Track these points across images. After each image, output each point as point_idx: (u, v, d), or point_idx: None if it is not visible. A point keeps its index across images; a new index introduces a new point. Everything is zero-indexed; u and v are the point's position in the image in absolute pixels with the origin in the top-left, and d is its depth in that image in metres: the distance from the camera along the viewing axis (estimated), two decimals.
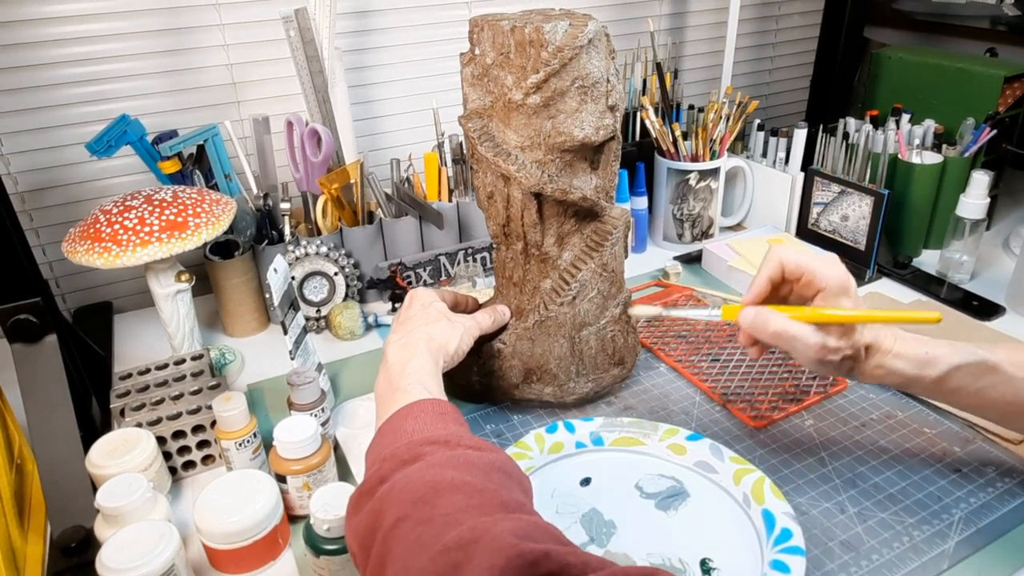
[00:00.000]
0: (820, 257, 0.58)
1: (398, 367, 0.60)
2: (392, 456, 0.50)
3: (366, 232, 0.96)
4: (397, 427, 0.54)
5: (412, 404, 0.55)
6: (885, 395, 0.77)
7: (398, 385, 0.58)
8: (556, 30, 0.60)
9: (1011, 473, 0.66)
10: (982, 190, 0.98)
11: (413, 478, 0.47)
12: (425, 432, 0.52)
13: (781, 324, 0.56)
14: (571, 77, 0.61)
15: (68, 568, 0.59)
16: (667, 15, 1.29)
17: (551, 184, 0.65)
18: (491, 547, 0.39)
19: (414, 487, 0.46)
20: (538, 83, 0.61)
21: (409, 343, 0.63)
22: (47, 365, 0.69)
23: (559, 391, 0.74)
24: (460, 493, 0.45)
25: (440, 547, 0.40)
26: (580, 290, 0.71)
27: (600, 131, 0.64)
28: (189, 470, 0.71)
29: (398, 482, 0.47)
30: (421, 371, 0.60)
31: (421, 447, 0.50)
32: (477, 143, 0.67)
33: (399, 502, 0.46)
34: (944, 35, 1.34)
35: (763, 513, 0.60)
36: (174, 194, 0.78)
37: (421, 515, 0.44)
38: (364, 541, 0.46)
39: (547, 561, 0.38)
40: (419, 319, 0.66)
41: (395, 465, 0.49)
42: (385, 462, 0.50)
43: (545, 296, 0.71)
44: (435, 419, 0.54)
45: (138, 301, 1.04)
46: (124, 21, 0.92)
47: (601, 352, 0.74)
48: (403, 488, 0.47)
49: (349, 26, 1.05)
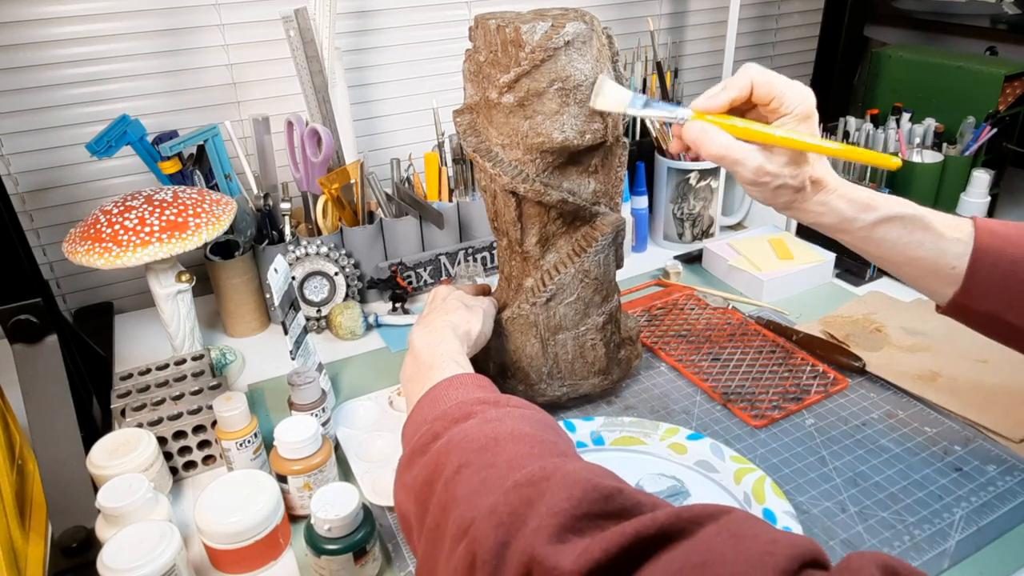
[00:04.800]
0: (790, 81, 0.56)
1: (428, 349, 0.61)
2: (444, 415, 0.50)
3: (366, 232, 0.96)
4: (439, 396, 0.54)
5: (451, 377, 0.56)
6: (885, 394, 0.77)
7: (432, 364, 0.59)
8: (534, 31, 0.59)
9: (1012, 472, 0.66)
10: (983, 189, 0.98)
11: (471, 431, 0.47)
12: (473, 395, 0.53)
13: (724, 143, 0.55)
14: (547, 79, 0.60)
15: (69, 568, 0.59)
16: (667, 15, 1.29)
17: (524, 184, 0.64)
18: (566, 480, 0.39)
19: (473, 438, 0.46)
20: (509, 83, 0.61)
21: (434, 330, 0.63)
22: (48, 365, 0.69)
23: (530, 390, 0.74)
24: (521, 443, 0.45)
25: (511, 483, 0.40)
26: (557, 293, 0.69)
27: (586, 135, 0.62)
28: (190, 470, 0.71)
29: (455, 436, 0.47)
30: (453, 351, 0.60)
31: (472, 406, 0.50)
32: (462, 137, 0.67)
33: (459, 451, 0.45)
34: (944, 34, 1.34)
35: (764, 512, 0.60)
36: (174, 194, 0.78)
37: (484, 461, 0.44)
38: (420, 494, 0.46)
39: (620, 497, 0.38)
40: (439, 311, 0.67)
41: (447, 423, 0.49)
42: (436, 421, 0.50)
43: (525, 294, 0.71)
44: (476, 389, 0.54)
45: (139, 301, 1.04)
46: (124, 21, 0.92)
47: (579, 359, 0.73)
48: (461, 440, 0.46)
49: (349, 26, 1.05)
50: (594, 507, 0.37)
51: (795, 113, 0.55)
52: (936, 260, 0.58)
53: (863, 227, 0.58)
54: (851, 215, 0.58)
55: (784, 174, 0.55)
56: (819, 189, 0.57)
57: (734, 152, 0.55)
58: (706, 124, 0.56)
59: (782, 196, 0.57)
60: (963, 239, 0.57)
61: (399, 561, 0.60)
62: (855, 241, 0.60)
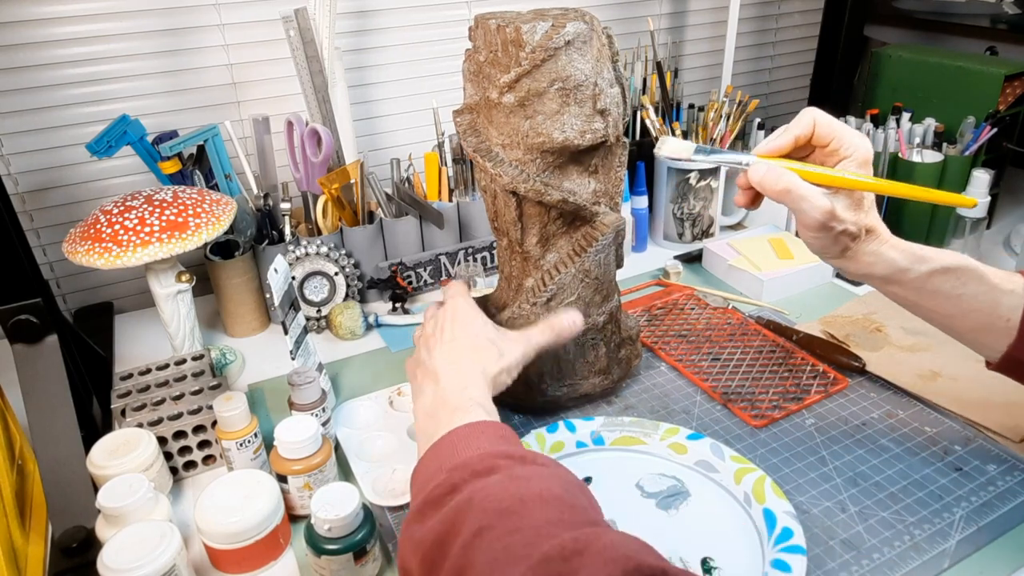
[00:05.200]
0: (849, 127, 0.57)
1: (455, 390, 0.57)
2: (464, 465, 0.47)
3: (366, 232, 0.96)
4: (459, 442, 0.50)
5: (475, 423, 0.52)
6: (886, 394, 0.77)
7: (457, 405, 0.55)
8: (535, 30, 0.59)
9: (1012, 471, 0.66)
10: (983, 189, 0.98)
11: (493, 489, 0.44)
12: (497, 447, 0.49)
13: (792, 181, 0.55)
14: (548, 79, 0.60)
15: (69, 568, 0.59)
16: (667, 14, 1.29)
17: (525, 184, 0.64)
18: (604, 557, 0.36)
19: (497, 497, 0.43)
20: (509, 83, 0.61)
21: (462, 371, 0.59)
22: (48, 366, 0.69)
23: (530, 390, 0.73)
24: (550, 507, 0.42)
25: (539, 556, 0.37)
26: (557, 293, 0.69)
27: (586, 135, 0.62)
28: (190, 470, 0.71)
29: (476, 492, 0.44)
30: (481, 396, 0.57)
31: (497, 459, 0.47)
32: (462, 137, 0.67)
33: (480, 512, 0.42)
34: (944, 33, 1.34)
35: (764, 512, 0.60)
36: (174, 194, 0.78)
37: (508, 525, 0.40)
38: (430, 553, 0.42)
39: None
40: (469, 348, 0.61)
41: (467, 475, 0.46)
42: (455, 471, 0.46)
43: (525, 294, 0.71)
44: (501, 440, 0.51)
45: (139, 301, 1.04)
46: (124, 21, 0.92)
47: (580, 358, 0.73)
48: (484, 498, 0.43)
49: (349, 26, 1.05)
50: None
51: (854, 157, 0.55)
52: (990, 312, 0.57)
53: (916, 278, 0.57)
54: (904, 265, 0.57)
55: (848, 219, 0.55)
56: (872, 238, 0.57)
57: (802, 189, 0.55)
58: (772, 163, 0.56)
59: (841, 242, 0.57)
60: (1017, 291, 0.57)
61: None
62: (907, 293, 0.59)
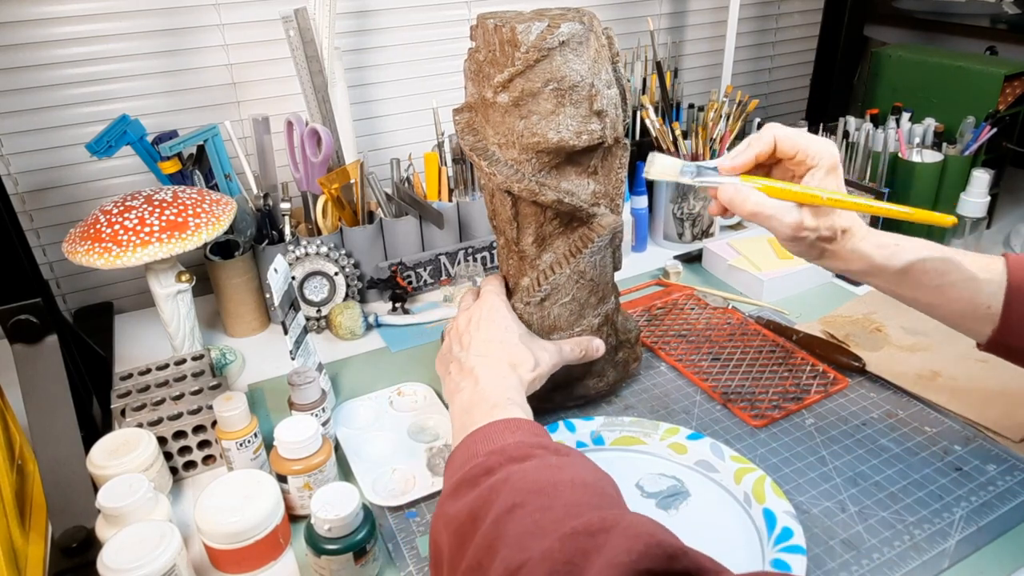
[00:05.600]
0: (812, 135, 0.58)
1: (493, 387, 0.59)
2: (500, 451, 0.49)
3: (366, 232, 0.96)
4: (495, 433, 0.52)
5: (512, 419, 0.54)
6: (885, 394, 0.77)
7: (496, 403, 0.57)
8: (530, 31, 0.59)
9: (1012, 471, 0.66)
10: (982, 188, 0.98)
11: (529, 473, 0.45)
12: (533, 439, 0.51)
13: (759, 202, 0.57)
14: (542, 79, 0.60)
15: (69, 568, 0.59)
16: (667, 14, 1.29)
17: (519, 183, 0.64)
18: (628, 533, 0.37)
19: (531, 479, 0.44)
20: (503, 82, 0.61)
21: (501, 373, 0.61)
22: (48, 365, 0.69)
23: None
24: (581, 491, 0.44)
25: (568, 530, 0.39)
26: (551, 293, 0.69)
27: (582, 136, 0.62)
28: (190, 470, 0.71)
29: (513, 474, 0.46)
30: (518, 397, 0.59)
31: (532, 448, 0.49)
32: (460, 136, 0.67)
33: (514, 490, 0.44)
34: (944, 33, 1.34)
35: (764, 512, 0.60)
36: (174, 194, 0.78)
37: (540, 503, 0.42)
38: (463, 527, 0.44)
39: (685, 558, 0.36)
40: (506, 352, 0.64)
41: (504, 460, 0.48)
42: (492, 455, 0.48)
43: (520, 293, 0.71)
44: (535, 435, 0.53)
45: (139, 301, 1.04)
46: (124, 21, 0.92)
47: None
48: (519, 479, 0.45)
49: (349, 26, 1.05)
50: (656, 564, 0.36)
51: (821, 165, 0.57)
52: (971, 300, 0.58)
53: (895, 273, 0.59)
54: (880, 261, 0.59)
55: (820, 225, 0.57)
56: (849, 237, 0.58)
57: (768, 209, 0.56)
58: (740, 184, 0.58)
59: (817, 247, 0.59)
60: (995, 279, 0.58)
61: (399, 561, 0.60)
62: (889, 285, 0.61)
